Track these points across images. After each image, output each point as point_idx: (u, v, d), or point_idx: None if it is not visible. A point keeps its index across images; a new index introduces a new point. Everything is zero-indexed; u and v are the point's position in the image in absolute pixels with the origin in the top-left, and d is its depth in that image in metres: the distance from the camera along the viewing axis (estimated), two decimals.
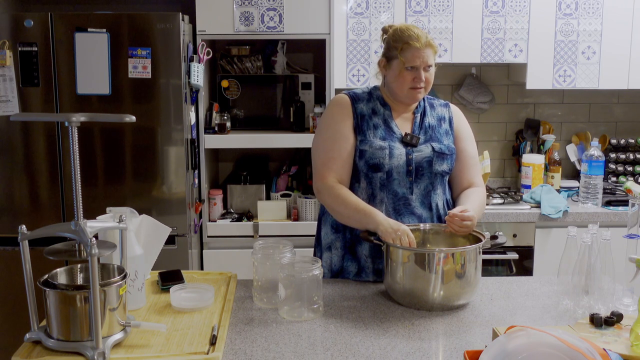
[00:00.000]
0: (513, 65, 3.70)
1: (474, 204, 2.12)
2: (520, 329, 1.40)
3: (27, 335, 1.60)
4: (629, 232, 1.91)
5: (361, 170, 2.16)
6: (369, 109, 2.21)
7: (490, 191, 3.53)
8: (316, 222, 2.34)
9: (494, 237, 2.01)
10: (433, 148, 2.16)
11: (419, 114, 2.24)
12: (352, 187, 2.18)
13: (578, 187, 3.54)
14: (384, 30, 2.23)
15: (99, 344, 1.50)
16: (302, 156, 3.61)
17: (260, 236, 3.31)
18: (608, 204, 3.36)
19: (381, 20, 3.39)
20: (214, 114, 3.38)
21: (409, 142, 2.16)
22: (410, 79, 2.13)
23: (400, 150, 2.14)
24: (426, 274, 1.86)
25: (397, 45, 2.13)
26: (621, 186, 3.54)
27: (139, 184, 3.09)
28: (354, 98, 2.23)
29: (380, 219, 2.00)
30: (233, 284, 2.04)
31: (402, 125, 2.22)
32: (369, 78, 3.43)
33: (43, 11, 3.00)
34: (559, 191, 3.51)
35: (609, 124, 3.90)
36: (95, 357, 1.50)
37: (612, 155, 3.71)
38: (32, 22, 2.96)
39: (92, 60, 2.98)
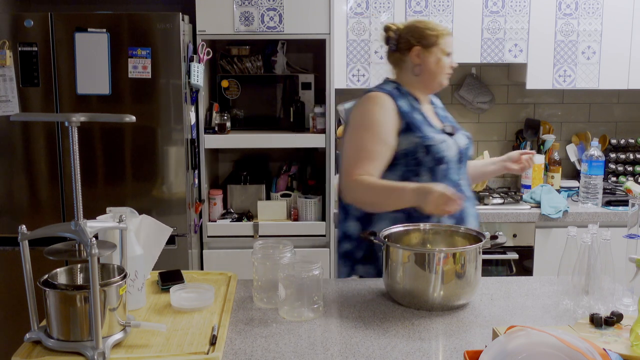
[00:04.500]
0: (513, 65, 3.70)
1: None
2: (520, 329, 1.40)
3: (27, 335, 1.60)
4: (629, 232, 1.91)
5: (425, 164, 2.16)
6: (407, 105, 2.22)
7: (490, 191, 3.53)
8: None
9: (494, 237, 2.01)
10: (466, 135, 2.30)
11: (432, 105, 2.35)
12: (408, 181, 2.15)
13: (578, 187, 3.54)
14: (390, 28, 2.28)
15: (99, 344, 1.50)
16: (302, 156, 3.61)
17: (260, 236, 3.31)
18: (608, 204, 3.36)
19: (381, 20, 3.39)
20: (214, 114, 3.38)
21: (448, 133, 2.24)
22: (448, 64, 2.25)
23: (450, 141, 2.22)
24: (426, 274, 1.86)
25: (434, 33, 2.22)
26: (621, 186, 3.54)
27: (139, 184, 3.09)
28: (394, 96, 2.20)
29: (414, 190, 2.00)
30: (233, 284, 2.04)
31: (432, 117, 2.29)
32: (369, 78, 3.43)
33: (43, 11, 3.00)
34: (559, 191, 3.51)
35: (609, 124, 3.90)
36: (95, 357, 1.50)
37: (612, 155, 3.71)
38: (32, 22, 2.96)
39: (92, 60, 2.98)
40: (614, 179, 3.71)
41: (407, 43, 2.24)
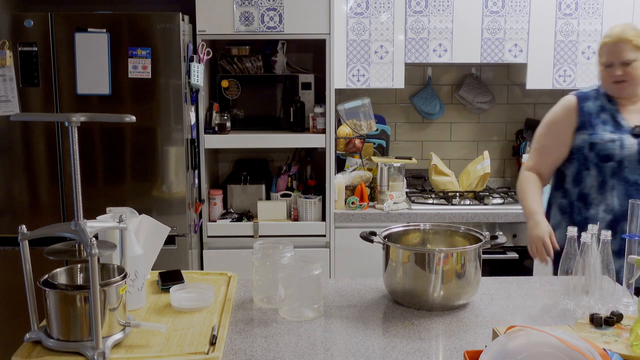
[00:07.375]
0: (513, 65, 3.70)
1: None
2: (520, 329, 1.40)
3: (27, 335, 1.60)
4: (629, 232, 1.91)
5: (591, 160, 2.36)
6: (597, 106, 2.40)
7: (490, 191, 3.53)
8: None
9: (494, 237, 2.01)
10: None
11: None
12: (581, 174, 2.39)
13: None
14: None
15: (99, 344, 1.50)
16: (302, 156, 3.61)
17: (260, 236, 3.31)
18: None
19: (381, 20, 3.39)
20: (214, 114, 3.38)
21: (635, 134, 2.32)
22: (608, 75, 2.36)
23: (630, 141, 2.33)
24: (426, 274, 1.86)
25: (601, 41, 2.38)
26: None
27: (139, 184, 3.09)
28: (582, 98, 2.43)
29: (530, 225, 2.30)
30: (233, 284, 2.05)
31: (631, 118, 2.36)
32: (369, 78, 3.43)
33: (43, 11, 3.00)
34: None
35: None
36: (95, 357, 1.50)
37: None
38: (32, 22, 2.96)
39: (92, 60, 2.98)
40: None
41: None
